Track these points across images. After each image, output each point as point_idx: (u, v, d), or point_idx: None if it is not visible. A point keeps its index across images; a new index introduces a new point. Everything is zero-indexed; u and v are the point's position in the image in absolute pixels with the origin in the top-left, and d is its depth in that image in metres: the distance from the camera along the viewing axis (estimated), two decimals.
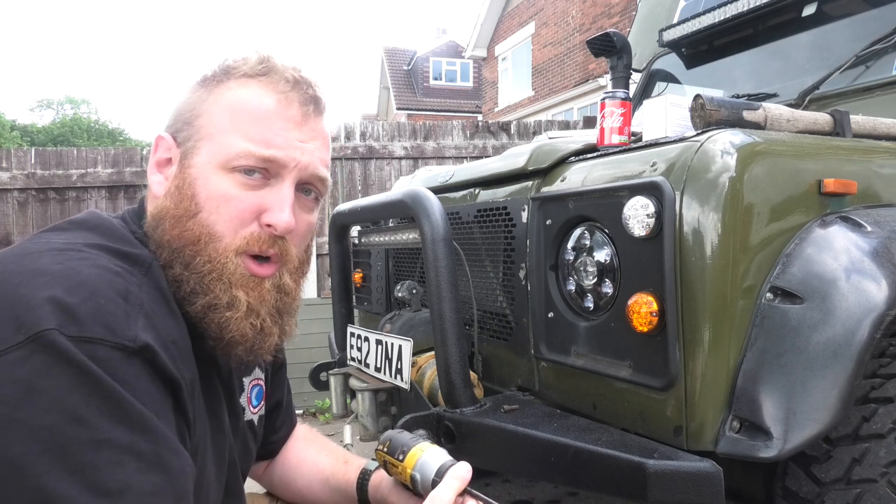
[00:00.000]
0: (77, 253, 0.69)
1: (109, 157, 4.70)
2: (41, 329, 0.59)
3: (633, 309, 1.11)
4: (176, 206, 0.78)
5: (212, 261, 0.77)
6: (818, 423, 1.01)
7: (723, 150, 1.11)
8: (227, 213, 0.78)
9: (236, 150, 0.78)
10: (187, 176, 0.79)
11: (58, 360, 0.59)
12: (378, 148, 5.04)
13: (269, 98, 0.80)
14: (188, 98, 0.84)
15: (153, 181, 0.82)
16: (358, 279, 2.25)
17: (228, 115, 0.79)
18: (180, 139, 0.81)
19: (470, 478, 0.83)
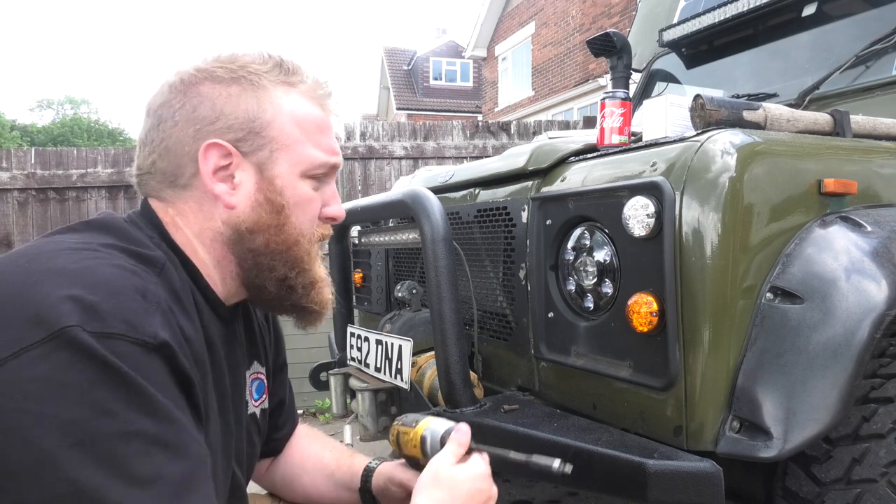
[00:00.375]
0: (92, 252, 0.71)
1: (109, 157, 4.70)
2: (63, 326, 0.60)
3: (633, 309, 1.11)
4: (270, 216, 0.84)
5: (308, 254, 0.88)
6: (818, 423, 1.01)
7: (723, 150, 1.11)
8: (309, 213, 0.89)
9: (317, 160, 0.87)
10: (276, 187, 0.84)
11: (82, 356, 0.60)
12: (378, 148, 5.04)
13: (317, 109, 0.88)
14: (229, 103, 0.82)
15: (219, 190, 0.83)
16: (358, 279, 2.25)
17: (297, 126, 0.85)
18: (246, 149, 0.83)
19: (469, 439, 0.92)
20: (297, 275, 0.88)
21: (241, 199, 0.84)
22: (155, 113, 0.84)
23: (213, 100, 0.82)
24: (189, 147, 0.82)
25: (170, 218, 0.84)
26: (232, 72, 0.84)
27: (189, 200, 0.84)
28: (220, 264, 0.86)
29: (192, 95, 0.83)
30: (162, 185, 0.85)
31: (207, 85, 0.83)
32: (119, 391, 0.61)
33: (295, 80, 0.87)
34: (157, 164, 0.84)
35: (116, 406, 0.60)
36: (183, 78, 0.84)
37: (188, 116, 0.82)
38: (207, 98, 0.82)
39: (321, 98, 0.90)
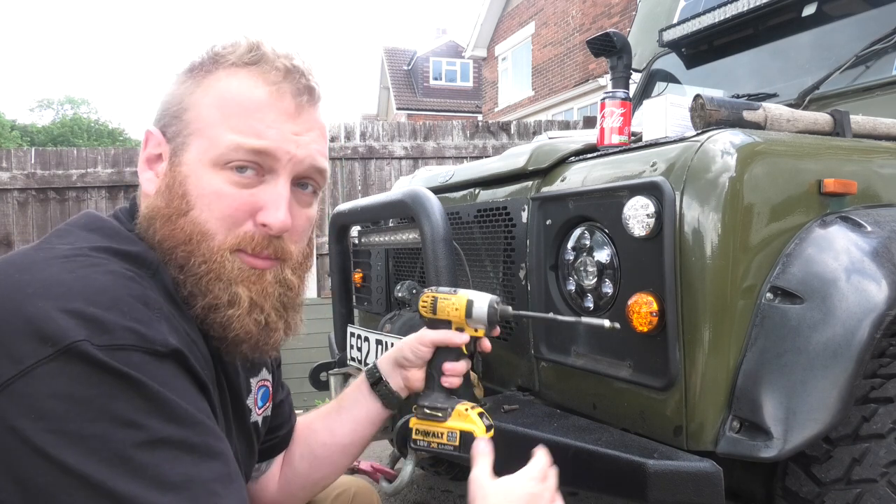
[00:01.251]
0: (86, 258, 0.68)
1: (109, 157, 4.70)
2: (71, 341, 0.58)
3: (633, 309, 1.11)
4: (167, 204, 0.75)
5: (207, 261, 0.74)
6: (818, 423, 1.01)
7: (723, 150, 1.11)
8: (219, 210, 0.75)
9: (225, 143, 0.74)
10: (178, 174, 0.75)
11: (95, 370, 0.59)
12: (378, 148, 5.04)
13: (260, 89, 0.76)
14: (175, 89, 0.79)
15: (144, 178, 0.79)
16: (358, 279, 2.25)
17: (217, 108, 0.75)
18: (169, 134, 0.78)
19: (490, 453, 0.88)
20: (187, 279, 0.74)
21: (155, 187, 0.78)
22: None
23: (174, 87, 0.80)
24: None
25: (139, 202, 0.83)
26: (200, 60, 0.80)
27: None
28: None
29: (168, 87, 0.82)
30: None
31: (180, 77, 0.81)
32: (138, 401, 0.60)
33: (248, 59, 0.77)
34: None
35: (137, 416, 0.59)
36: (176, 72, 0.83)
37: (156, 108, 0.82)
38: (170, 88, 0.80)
39: (274, 78, 0.77)
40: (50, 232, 0.76)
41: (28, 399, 0.57)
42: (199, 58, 0.80)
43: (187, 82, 0.79)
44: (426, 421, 0.99)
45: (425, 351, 1.01)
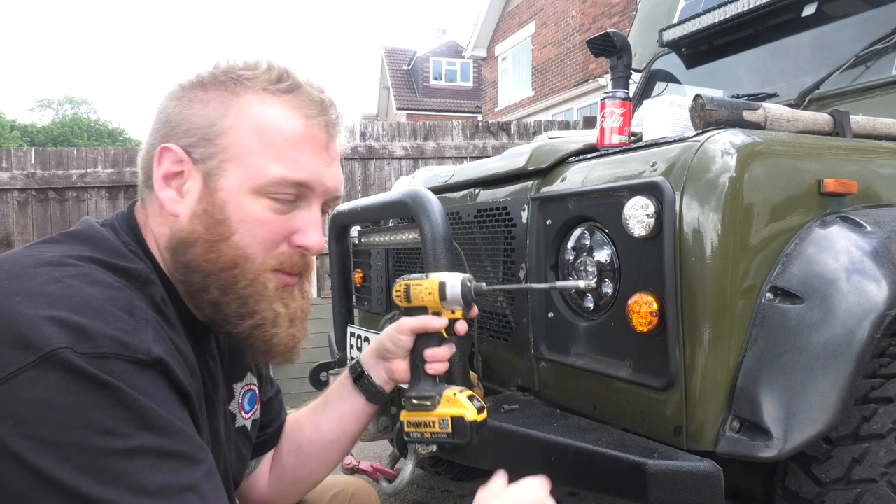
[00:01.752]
0: (73, 268, 0.68)
1: (109, 157, 4.71)
2: (53, 348, 0.59)
3: (633, 309, 1.11)
4: (206, 229, 0.77)
5: (252, 283, 0.78)
6: (818, 423, 1.01)
7: (723, 150, 1.11)
8: (260, 236, 0.78)
9: (271, 176, 0.77)
10: (217, 199, 0.77)
11: (76, 377, 0.59)
12: (378, 148, 5.04)
13: (298, 121, 0.79)
14: (196, 108, 0.79)
15: (165, 197, 0.79)
16: (358, 279, 2.25)
17: (257, 137, 0.78)
18: (198, 156, 0.78)
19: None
20: (231, 301, 0.78)
21: (185, 207, 0.79)
22: (154, 116, 0.84)
23: (187, 103, 0.80)
24: (154, 149, 0.80)
25: (143, 219, 0.83)
26: (215, 77, 0.81)
27: (153, 203, 0.82)
28: (172, 274, 0.81)
29: (178, 99, 0.81)
30: (141, 185, 0.84)
31: (197, 90, 0.81)
32: (116, 409, 0.60)
33: (281, 88, 0.80)
34: (140, 165, 0.84)
35: (116, 424, 0.60)
36: (183, 83, 0.83)
37: (163, 119, 0.81)
38: (185, 101, 0.80)
39: (309, 111, 0.81)
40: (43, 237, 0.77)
41: (8, 405, 0.57)
42: (215, 75, 0.81)
43: (212, 102, 0.79)
44: (416, 412, 0.97)
45: (405, 340, 1.00)
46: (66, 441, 0.58)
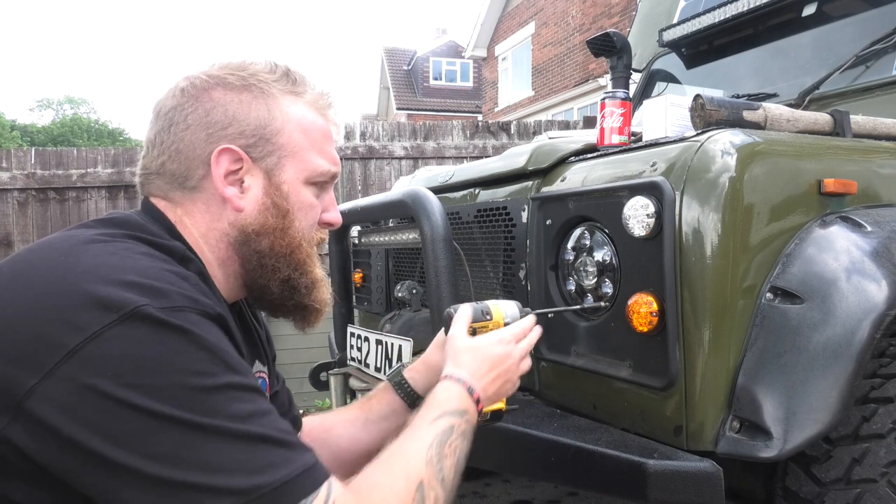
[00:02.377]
0: (121, 243, 0.74)
1: (109, 157, 4.70)
2: (135, 306, 0.65)
3: (633, 309, 1.11)
4: (276, 219, 0.87)
5: (309, 257, 0.91)
6: (818, 423, 1.02)
7: (723, 150, 1.11)
8: (311, 218, 0.92)
9: (321, 169, 0.90)
10: (282, 192, 0.88)
11: (160, 328, 0.65)
12: (378, 148, 5.04)
13: (321, 119, 0.92)
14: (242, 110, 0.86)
15: (229, 193, 0.86)
16: (358, 279, 2.25)
17: (304, 135, 0.89)
18: (256, 154, 0.86)
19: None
20: (300, 275, 0.91)
21: (249, 202, 0.87)
22: (166, 116, 0.86)
23: (226, 105, 0.85)
24: (201, 150, 0.84)
25: (177, 217, 0.86)
26: (243, 79, 0.86)
27: (198, 202, 0.86)
28: (224, 264, 0.89)
29: (205, 100, 0.85)
30: (171, 185, 0.87)
31: (219, 91, 0.86)
32: (201, 353, 0.67)
33: (300, 89, 0.91)
34: (167, 166, 0.86)
35: (202, 366, 0.67)
36: (195, 83, 0.86)
37: (200, 120, 0.85)
38: (220, 103, 0.85)
39: (323, 108, 0.93)
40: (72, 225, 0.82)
41: (100, 360, 0.63)
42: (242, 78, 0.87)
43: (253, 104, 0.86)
44: None
45: None
46: (167, 384, 0.64)
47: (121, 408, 0.62)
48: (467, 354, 0.95)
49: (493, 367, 0.96)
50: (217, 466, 0.63)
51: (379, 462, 0.79)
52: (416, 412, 0.90)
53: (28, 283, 0.68)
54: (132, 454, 0.62)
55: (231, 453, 0.65)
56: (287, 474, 0.66)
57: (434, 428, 0.84)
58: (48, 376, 0.62)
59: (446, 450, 0.82)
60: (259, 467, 0.65)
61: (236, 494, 0.63)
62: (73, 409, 0.62)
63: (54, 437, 0.62)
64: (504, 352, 0.98)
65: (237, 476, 0.64)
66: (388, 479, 0.76)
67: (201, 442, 0.64)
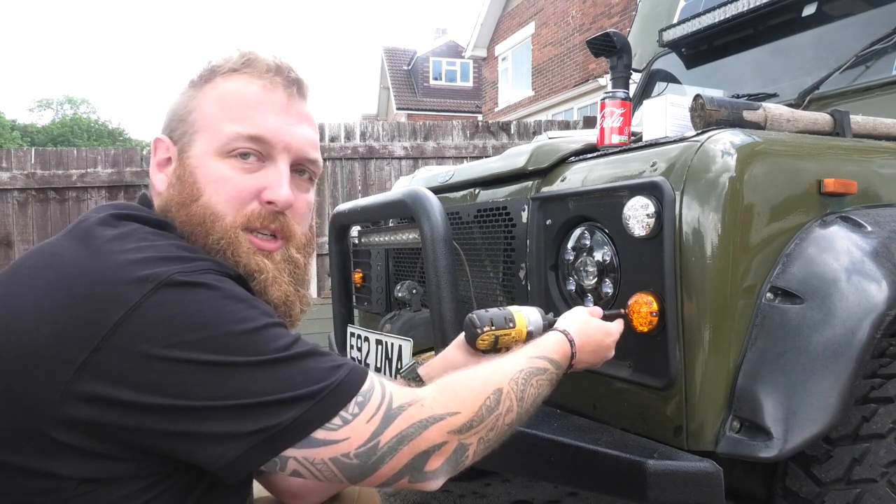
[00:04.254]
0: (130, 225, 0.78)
1: (109, 157, 4.71)
2: (167, 275, 0.69)
3: (633, 309, 1.11)
4: (179, 193, 0.85)
5: (223, 237, 0.83)
6: (818, 423, 1.02)
7: (723, 150, 1.11)
8: (226, 193, 0.84)
9: (227, 133, 0.84)
10: (187, 166, 0.85)
11: (194, 288, 0.70)
12: (378, 148, 5.04)
13: (254, 85, 0.86)
14: (179, 99, 0.90)
15: (156, 180, 0.88)
16: (358, 279, 2.25)
17: (218, 105, 0.85)
18: (176, 136, 0.88)
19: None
20: (233, 256, 0.85)
21: (166, 183, 0.88)
22: None
23: (176, 99, 0.90)
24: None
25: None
26: (200, 76, 0.89)
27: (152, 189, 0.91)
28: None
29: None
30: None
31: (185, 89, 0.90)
32: (237, 304, 0.72)
33: (242, 64, 0.87)
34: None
35: (243, 313, 0.71)
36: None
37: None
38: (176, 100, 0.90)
39: (264, 76, 0.87)
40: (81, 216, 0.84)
41: (148, 326, 0.66)
42: (198, 72, 0.90)
43: (189, 91, 0.89)
44: None
45: None
46: (216, 334, 0.68)
47: (178, 365, 0.66)
48: (583, 323, 1.02)
49: (598, 344, 1.03)
50: (283, 387, 0.69)
51: (467, 369, 0.84)
52: (520, 346, 0.95)
53: (60, 271, 0.71)
54: (204, 399, 0.66)
55: (291, 375, 0.70)
56: (339, 376, 0.73)
57: (531, 362, 0.89)
58: (97, 350, 0.65)
59: (533, 381, 0.86)
60: (317, 378, 0.71)
61: (305, 400, 0.69)
62: (129, 377, 0.65)
63: (113, 406, 0.65)
64: (609, 342, 1.05)
65: (301, 388, 0.70)
66: (467, 379, 0.81)
67: (264, 375, 0.69)
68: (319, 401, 0.70)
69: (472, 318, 1.00)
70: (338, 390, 0.72)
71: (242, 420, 0.67)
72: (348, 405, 0.72)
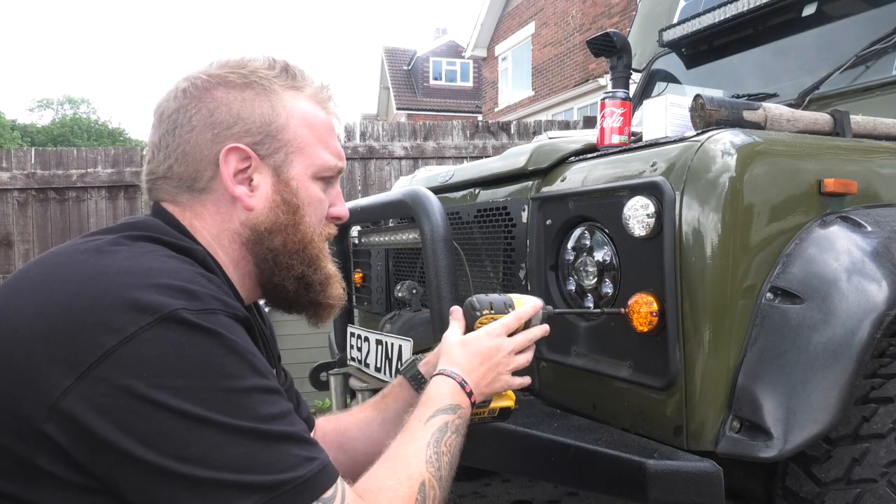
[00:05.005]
0: (147, 245, 0.76)
1: (109, 157, 4.70)
2: (171, 309, 0.66)
3: (633, 309, 1.11)
4: (287, 216, 0.87)
5: (321, 252, 0.91)
6: (818, 423, 1.02)
7: (723, 150, 1.11)
8: (320, 213, 0.92)
9: (328, 164, 0.91)
10: (290, 188, 0.88)
11: (195, 332, 0.67)
12: (378, 148, 5.04)
13: (323, 112, 0.92)
14: (245, 108, 0.85)
15: (240, 193, 0.85)
16: (358, 279, 2.25)
17: (309, 130, 0.89)
18: (263, 152, 0.86)
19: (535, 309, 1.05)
20: (314, 272, 0.91)
21: (260, 200, 0.86)
22: (169, 118, 0.85)
23: (230, 104, 0.84)
24: (207, 151, 0.84)
25: (188, 221, 0.86)
26: (244, 77, 0.86)
27: (207, 203, 0.86)
28: (239, 265, 0.89)
29: (208, 100, 0.84)
30: (178, 189, 0.86)
31: (221, 90, 0.85)
32: (232, 357, 0.69)
33: (300, 84, 0.90)
34: (174, 169, 0.85)
35: (233, 369, 0.68)
36: (196, 83, 0.85)
37: (205, 121, 0.84)
38: (223, 103, 0.84)
39: (324, 102, 0.93)
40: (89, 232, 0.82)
41: (136, 361, 0.64)
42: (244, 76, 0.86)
43: (256, 101, 0.86)
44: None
45: None
46: (200, 386, 0.66)
47: (154, 409, 0.63)
48: (458, 349, 0.97)
49: (484, 360, 0.97)
50: (247, 466, 0.66)
51: (382, 464, 0.80)
52: (412, 411, 0.90)
53: (61, 286, 0.69)
54: (165, 455, 0.63)
55: (259, 453, 0.67)
56: (309, 471, 0.69)
57: (430, 427, 0.85)
58: (84, 376, 0.63)
59: (443, 447, 0.84)
60: (284, 466, 0.68)
61: (263, 490, 0.66)
62: (108, 410, 0.63)
63: (89, 437, 0.63)
64: (494, 344, 0.98)
65: (265, 474, 0.66)
66: (393, 483, 0.77)
67: (232, 443, 0.66)
68: (280, 494, 0.66)
69: (472, 302, 1.02)
70: (302, 487, 0.68)
71: (195, 496, 0.64)
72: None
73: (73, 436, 0.63)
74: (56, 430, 0.64)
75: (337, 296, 0.96)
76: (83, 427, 0.63)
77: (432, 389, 0.92)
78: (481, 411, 1.01)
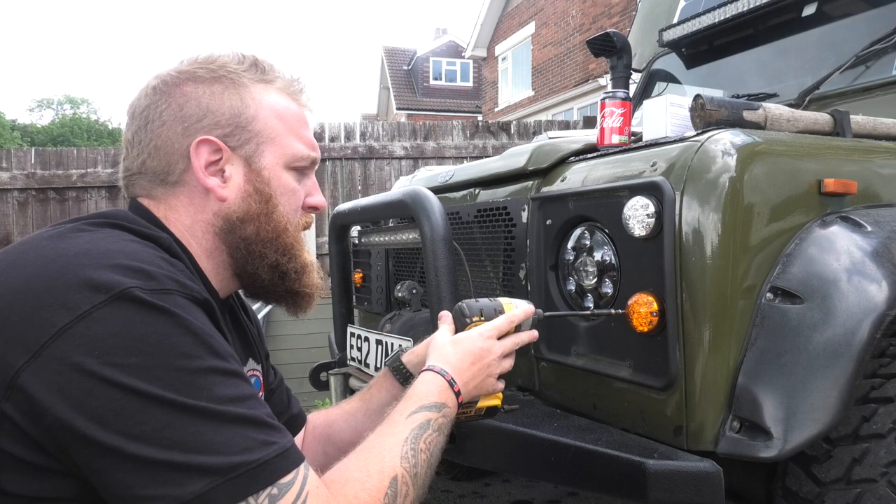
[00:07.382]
0: (109, 230, 0.76)
1: (109, 157, 4.71)
2: (124, 287, 0.66)
3: (633, 309, 1.11)
4: (259, 205, 0.88)
5: (295, 241, 0.92)
6: (818, 423, 1.01)
7: (723, 150, 1.11)
8: (294, 203, 0.93)
9: (300, 153, 0.91)
10: (262, 178, 0.89)
11: (149, 310, 0.67)
12: (378, 148, 5.04)
13: (294, 104, 0.93)
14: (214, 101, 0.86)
15: (211, 184, 0.86)
16: (358, 279, 2.25)
17: (278, 120, 0.90)
18: (234, 143, 0.87)
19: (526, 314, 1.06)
20: (288, 261, 0.92)
21: (232, 191, 0.87)
22: (141, 115, 0.87)
23: (198, 98, 0.86)
24: (179, 144, 0.85)
25: (162, 213, 0.87)
26: (212, 71, 0.87)
27: (181, 195, 0.87)
28: (213, 255, 0.89)
29: (178, 95, 0.86)
30: (153, 183, 0.87)
31: (190, 85, 0.86)
32: (187, 337, 0.68)
33: (270, 77, 0.91)
34: (147, 164, 0.87)
35: (189, 349, 0.68)
36: (165, 80, 0.87)
37: (175, 115, 0.85)
38: (192, 97, 0.86)
39: (296, 94, 0.94)
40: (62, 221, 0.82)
41: (89, 339, 0.64)
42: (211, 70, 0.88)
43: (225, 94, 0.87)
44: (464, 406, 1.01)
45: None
46: (152, 364, 0.65)
47: (106, 387, 0.63)
48: (449, 347, 0.97)
49: (474, 360, 0.97)
50: (198, 447, 0.65)
51: (354, 456, 0.79)
52: (395, 405, 0.89)
53: (20, 269, 0.69)
54: (115, 433, 0.63)
55: (212, 434, 0.66)
56: (265, 455, 0.68)
57: (410, 422, 0.84)
58: (38, 354, 0.64)
59: (421, 444, 0.82)
60: (238, 448, 0.66)
61: (215, 473, 0.64)
62: (61, 388, 0.63)
63: (44, 415, 0.63)
64: (485, 346, 0.98)
65: (216, 456, 0.65)
66: (362, 475, 0.76)
67: (183, 422, 0.65)
68: (231, 479, 0.65)
69: (461, 308, 1.02)
70: (256, 472, 0.66)
71: (144, 477, 0.63)
72: (260, 493, 0.66)
73: (28, 414, 0.64)
74: (13, 409, 0.64)
75: (313, 285, 0.96)
76: (37, 405, 0.63)
77: (419, 384, 0.91)
78: (468, 410, 1.01)
